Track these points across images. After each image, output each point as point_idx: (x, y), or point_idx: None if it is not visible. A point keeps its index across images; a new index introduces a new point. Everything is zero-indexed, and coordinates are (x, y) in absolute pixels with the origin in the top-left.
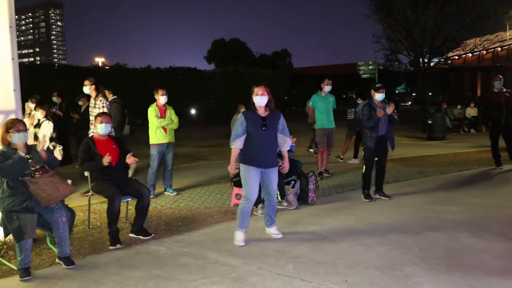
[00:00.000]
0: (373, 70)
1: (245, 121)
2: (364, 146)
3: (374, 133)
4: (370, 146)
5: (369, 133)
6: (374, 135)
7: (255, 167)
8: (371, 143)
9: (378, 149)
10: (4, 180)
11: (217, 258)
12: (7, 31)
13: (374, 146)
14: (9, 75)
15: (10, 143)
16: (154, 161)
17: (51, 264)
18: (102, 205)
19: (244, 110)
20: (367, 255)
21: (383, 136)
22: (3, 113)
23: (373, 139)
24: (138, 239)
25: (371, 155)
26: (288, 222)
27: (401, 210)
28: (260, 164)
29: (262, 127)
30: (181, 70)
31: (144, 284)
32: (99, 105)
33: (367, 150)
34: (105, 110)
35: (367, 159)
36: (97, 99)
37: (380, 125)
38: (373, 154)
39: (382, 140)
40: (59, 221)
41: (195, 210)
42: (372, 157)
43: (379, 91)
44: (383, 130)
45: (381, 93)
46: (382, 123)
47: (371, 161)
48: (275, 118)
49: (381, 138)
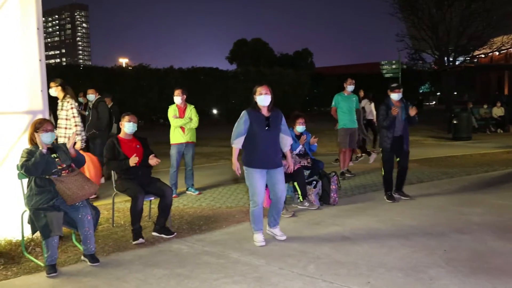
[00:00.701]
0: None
1: (249, 120)
2: (381, 147)
3: (390, 133)
4: (386, 146)
5: (385, 133)
6: (390, 135)
7: (259, 169)
8: (387, 144)
9: (398, 150)
10: (32, 179)
11: (238, 257)
12: (34, 33)
13: (390, 146)
14: (36, 76)
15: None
16: (174, 160)
17: (77, 261)
18: (125, 203)
19: (247, 109)
20: (390, 256)
21: (400, 137)
22: (31, 113)
23: (389, 139)
24: (160, 237)
25: (389, 156)
26: (310, 222)
27: (425, 212)
28: (264, 165)
29: (265, 127)
30: (203, 70)
31: (166, 282)
32: (67, 106)
33: (384, 151)
34: (74, 112)
35: (385, 160)
36: (65, 101)
37: (397, 125)
38: (391, 155)
39: (399, 140)
40: (84, 219)
41: (216, 210)
42: (390, 158)
43: (395, 91)
44: (399, 130)
45: (396, 93)
46: (399, 123)
47: (389, 162)
48: (278, 118)
49: (398, 138)
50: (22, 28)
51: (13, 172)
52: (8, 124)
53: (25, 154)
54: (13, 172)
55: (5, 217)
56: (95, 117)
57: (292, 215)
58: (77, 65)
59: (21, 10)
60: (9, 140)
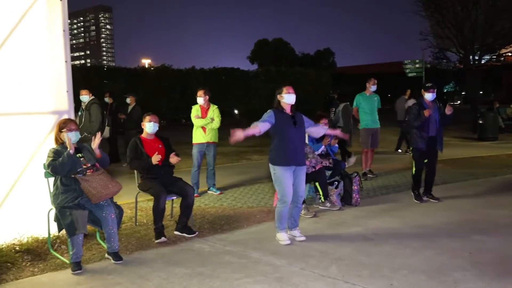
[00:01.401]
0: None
1: (274, 117)
2: (413, 147)
3: (424, 133)
4: (420, 147)
5: (418, 133)
6: (425, 135)
7: (288, 166)
8: (421, 144)
9: (428, 151)
10: (58, 178)
11: (259, 257)
12: (60, 35)
13: (423, 147)
14: (62, 77)
15: (63, 142)
16: (195, 160)
17: (101, 259)
18: (148, 203)
19: (272, 108)
20: (413, 258)
21: (433, 137)
22: (57, 113)
23: (423, 139)
24: (182, 236)
25: (420, 156)
26: (331, 223)
27: (449, 213)
28: (294, 162)
29: (293, 124)
30: (224, 70)
31: (188, 281)
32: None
33: (416, 151)
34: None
35: (416, 160)
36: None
37: (431, 125)
38: (423, 156)
39: (432, 141)
40: (108, 217)
41: (238, 209)
42: (421, 158)
43: (429, 91)
44: (433, 131)
45: (431, 92)
46: (432, 123)
47: (421, 162)
48: (301, 117)
49: (431, 139)
50: (49, 30)
51: (40, 171)
52: (35, 124)
53: (51, 154)
54: (40, 171)
55: (32, 215)
56: (87, 119)
57: (313, 215)
58: (101, 66)
59: (48, 13)
60: (36, 139)
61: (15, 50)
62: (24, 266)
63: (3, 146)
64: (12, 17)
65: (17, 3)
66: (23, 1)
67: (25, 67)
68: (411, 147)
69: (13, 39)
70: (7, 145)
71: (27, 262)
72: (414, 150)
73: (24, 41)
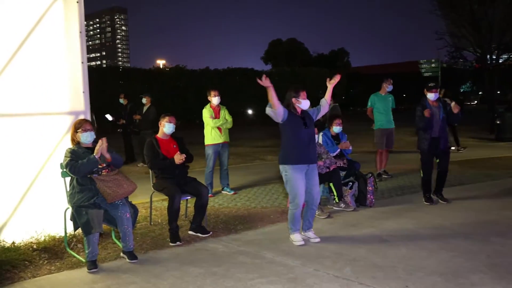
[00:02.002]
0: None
1: (287, 115)
2: (419, 149)
3: (427, 134)
4: (423, 148)
5: (422, 135)
6: (428, 137)
7: (299, 165)
8: (424, 145)
9: (436, 151)
10: (74, 177)
11: (273, 258)
12: (77, 36)
13: (428, 148)
14: (79, 78)
15: (79, 142)
16: (210, 160)
17: (116, 257)
18: (163, 202)
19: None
20: (429, 260)
21: (438, 138)
22: (74, 113)
23: (427, 140)
24: (196, 236)
25: (427, 157)
26: (346, 224)
27: (466, 215)
28: (305, 159)
29: (303, 125)
30: (238, 71)
31: (202, 280)
32: None
33: (421, 153)
34: None
35: (423, 162)
36: None
37: (435, 126)
38: (429, 157)
39: (437, 141)
40: (123, 217)
41: (252, 210)
42: (428, 160)
43: (432, 91)
44: (436, 132)
45: (433, 92)
46: (437, 124)
47: (428, 164)
48: (310, 116)
49: (436, 139)
50: (66, 32)
51: (57, 171)
52: (52, 124)
53: (68, 154)
54: (56, 170)
55: (49, 214)
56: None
57: (327, 216)
58: (116, 67)
59: (64, 14)
60: (53, 139)
61: (33, 52)
62: (41, 264)
63: (21, 146)
64: (30, 20)
65: (35, 5)
66: (40, 3)
67: (42, 68)
68: (418, 149)
69: (31, 41)
70: (25, 144)
71: (44, 260)
72: (421, 152)
73: (41, 42)
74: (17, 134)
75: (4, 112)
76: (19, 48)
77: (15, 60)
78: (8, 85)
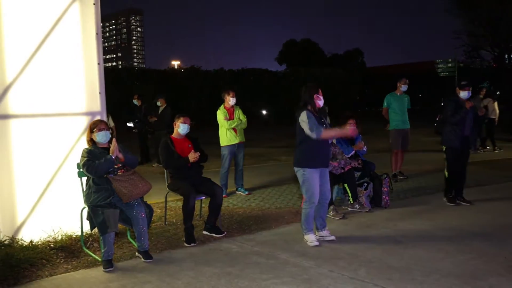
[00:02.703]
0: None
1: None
2: (447, 146)
3: (460, 132)
4: (453, 145)
5: (453, 131)
6: (460, 133)
7: (316, 168)
8: (454, 143)
9: (462, 151)
10: (90, 177)
11: (288, 258)
12: (94, 38)
13: (457, 146)
14: (95, 79)
15: (95, 142)
16: (226, 161)
17: (131, 257)
18: (177, 202)
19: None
20: (445, 262)
21: (467, 137)
22: (90, 114)
23: (459, 138)
24: (211, 236)
25: (455, 155)
26: (361, 225)
27: (484, 217)
28: (324, 163)
29: (323, 125)
30: (252, 71)
31: (216, 280)
32: None
33: (450, 151)
34: None
35: (449, 161)
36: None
37: (466, 124)
38: (457, 155)
39: (466, 141)
40: (138, 216)
41: (266, 210)
42: (456, 158)
43: (465, 89)
44: (468, 130)
45: (466, 90)
46: (468, 122)
47: (455, 164)
48: (324, 112)
49: (465, 138)
50: (83, 34)
51: (73, 171)
52: (68, 124)
53: (85, 154)
54: (73, 170)
55: (66, 213)
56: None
57: (342, 217)
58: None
59: (81, 16)
60: (70, 139)
61: (50, 54)
62: (58, 262)
63: (39, 146)
64: (48, 22)
65: (53, 7)
66: (58, 6)
67: (59, 69)
68: (444, 146)
69: (49, 43)
70: (43, 145)
71: (61, 259)
72: (449, 150)
73: (59, 44)
74: (35, 135)
75: (22, 112)
76: (37, 50)
77: (33, 62)
78: (26, 87)
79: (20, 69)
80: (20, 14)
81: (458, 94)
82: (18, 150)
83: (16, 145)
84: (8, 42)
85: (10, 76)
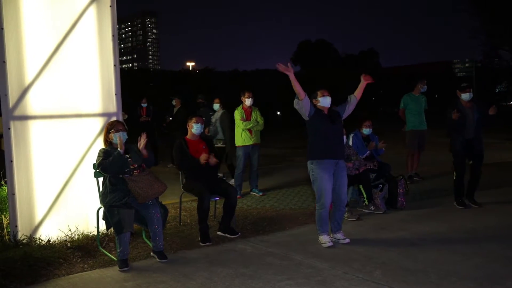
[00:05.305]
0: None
1: (313, 110)
2: (451, 151)
3: (460, 136)
4: (456, 149)
5: (455, 136)
6: (461, 138)
7: (326, 160)
8: (457, 147)
9: (469, 153)
10: (106, 177)
11: (302, 260)
12: (110, 40)
13: (460, 149)
14: (111, 80)
15: (111, 143)
16: (240, 162)
17: (146, 257)
18: (192, 203)
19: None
20: (462, 265)
21: (472, 139)
22: (106, 115)
23: (459, 142)
24: (225, 237)
25: (460, 159)
26: (375, 226)
27: (500, 219)
28: (332, 154)
29: (330, 122)
30: (267, 72)
31: (230, 281)
32: None
33: (454, 155)
34: None
35: (456, 164)
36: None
37: (468, 127)
38: (462, 159)
39: (471, 143)
40: (153, 217)
41: (280, 211)
42: (461, 162)
43: (465, 91)
44: (471, 133)
45: (467, 92)
46: (470, 125)
47: (461, 166)
48: (337, 113)
49: (469, 141)
50: (99, 36)
51: (90, 171)
52: (85, 125)
53: (101, 154)
54: (89, 171)
55: (82, 213)
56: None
57: (357, 218)
58: (147, 69)
59: (97, 18)
60: (87, 140)
61: (67, 55)
62: (74, 262)
63: (56, 147)
64: (65, 24)
65: (70, 10)
66: (75, 8)
67: (76, 71)
68: (451, 151)
69: (66, 45)
70: (60, 145)
71: (78, 258)
72: (453, 154)
73: (75, 46)
74: (53, 135)
75: (40, 113)
76: (54, 52)
77: (51, 63)
78: (44, 88)
79: (38, 71)
80: (39, 17)
81: (459, 96)
82: (36, 151)
83: (34, 145)
84: (27, 45)
85: (29, 78)
